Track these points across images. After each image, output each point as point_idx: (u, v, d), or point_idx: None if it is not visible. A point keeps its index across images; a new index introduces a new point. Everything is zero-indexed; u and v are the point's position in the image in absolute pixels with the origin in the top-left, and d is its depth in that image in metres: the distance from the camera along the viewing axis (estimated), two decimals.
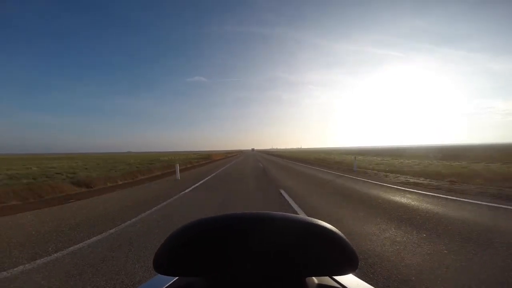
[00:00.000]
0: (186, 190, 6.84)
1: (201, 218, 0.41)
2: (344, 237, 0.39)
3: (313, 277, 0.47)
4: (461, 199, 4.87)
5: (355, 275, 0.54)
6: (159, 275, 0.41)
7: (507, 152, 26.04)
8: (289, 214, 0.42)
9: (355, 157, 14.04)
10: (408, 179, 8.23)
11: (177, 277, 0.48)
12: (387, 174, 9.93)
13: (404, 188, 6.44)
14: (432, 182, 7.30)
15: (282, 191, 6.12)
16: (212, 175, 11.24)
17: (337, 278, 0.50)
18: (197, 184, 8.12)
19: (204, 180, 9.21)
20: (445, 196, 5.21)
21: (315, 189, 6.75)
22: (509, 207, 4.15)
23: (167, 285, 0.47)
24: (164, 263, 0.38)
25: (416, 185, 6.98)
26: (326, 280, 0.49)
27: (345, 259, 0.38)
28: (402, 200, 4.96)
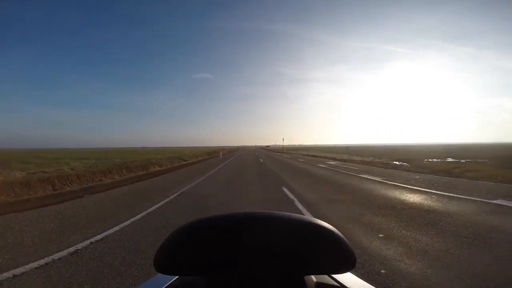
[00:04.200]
0: None
1: (202, 218, 0.41)
2: (342, 235, 0.40)
3: (312, 276, 0.48)
4: None
5: (353, 273, 0.54)
6: (159, 274, 0.42)
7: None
8: (288, 213, 0.42)
9: None
10: None
11: (177, 276, 0.50)
12: None
13: None
14: None
15: None
16: None
17: (335, 276, 0.51)
18: None
19: None
20: None
21: None
22: None
23: (167, 284, 0.48)
24: (164, 262, 0.39)
25: None
26: (325, 278, 0.50)
27: (343, 258, 0.39)
28: None
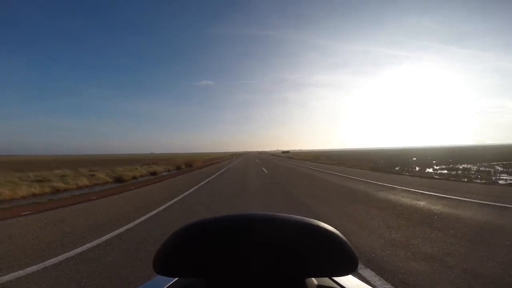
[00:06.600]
0: None
1: (202, 219, 0.41)
2: (343, 237, 0.40)
3: (313, 278, 0.47)
4: None
5: (354, 276, 0.55)
6: (158, 276, 0.41)
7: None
8: (289, 215, 0.42)
9: None
10: None
11: (177, 278, 0.49)
12: None
13: None
14: None
15: None
16: None
17: (337, 279, 0.51)
18: None
19: None
20: None
21: None
22: None
23: (166, 286, 0.48)
24: (164, 264, 0.39)
25: None
26: (326, 281, 0.50)
27: (344, 260, 0.39)
28: None
